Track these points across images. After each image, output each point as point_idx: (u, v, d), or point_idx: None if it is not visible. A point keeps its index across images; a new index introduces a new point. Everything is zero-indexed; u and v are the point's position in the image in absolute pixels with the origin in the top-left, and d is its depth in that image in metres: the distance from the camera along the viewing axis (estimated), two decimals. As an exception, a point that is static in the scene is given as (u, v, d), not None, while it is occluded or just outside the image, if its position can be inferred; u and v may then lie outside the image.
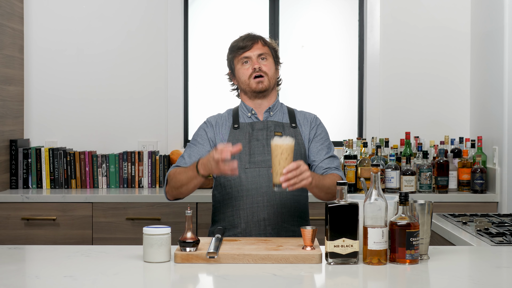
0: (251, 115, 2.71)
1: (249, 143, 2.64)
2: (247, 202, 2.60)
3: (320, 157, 2.67)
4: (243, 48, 2.68)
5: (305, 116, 2.76)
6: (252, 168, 2.61)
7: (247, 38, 2.70)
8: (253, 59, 2.67)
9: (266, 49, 2.70)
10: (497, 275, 2.03)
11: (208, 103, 4.55)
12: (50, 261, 2.16)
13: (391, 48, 4.45)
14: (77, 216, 3.84)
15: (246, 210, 2.60)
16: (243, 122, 2.70)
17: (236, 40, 2.75)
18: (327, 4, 4.61)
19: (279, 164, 2.26)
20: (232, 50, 2.73)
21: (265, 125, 2.68)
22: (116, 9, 4.45)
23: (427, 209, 2.17)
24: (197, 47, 4.60)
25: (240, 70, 2.69)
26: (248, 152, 2.63)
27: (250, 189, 2.60)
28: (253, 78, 2.66)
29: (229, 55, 2.75)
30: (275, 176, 2.28)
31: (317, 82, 4.60)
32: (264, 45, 2.71)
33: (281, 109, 2.75)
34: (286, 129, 2.69)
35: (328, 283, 1.97)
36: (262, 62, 2.68)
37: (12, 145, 4.17)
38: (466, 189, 4.03)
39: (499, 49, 3.88)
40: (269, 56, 2.70)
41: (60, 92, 4.43)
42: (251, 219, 2.59)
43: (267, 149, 2.63)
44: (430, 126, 4.42)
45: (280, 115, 2.73)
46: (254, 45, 2.68)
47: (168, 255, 2.12)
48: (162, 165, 4.24)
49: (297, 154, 2.63)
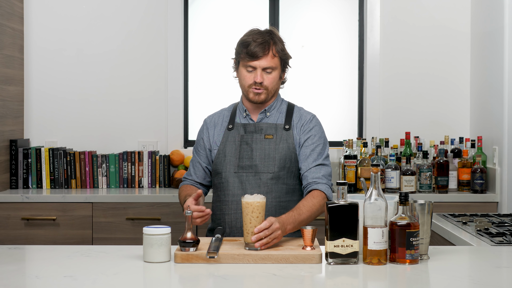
0: (246, 115, 2.68)
1: (239, 146, 2.62)
2: (232, 208, 2.60)
3: (307, 164, 2.59)
4: (251, 56, 2.56)
5: (301, 117, 2.67)
6: (239, 173, 2.60)
7: (260, 46, 2.56)
8: (257, 71, 2.57)
9: (275, 61, 2.58)
10: (497, 275, 2.03)
11: (208, 102, 4.55)
12: (50, 261, 2.16)
13: (391, 48, 4.45)
14: (77, 216, 3.84)
15: (230, 215, 2.60)
16: (238, 122, 2.68)
17: (248, 37, 2.60)
18: (327, 4, 4.61)
19: (250, 223, 2.22)
20: (241, 47, 2.60)
21: (256, 127, 2.64)
22: (116, 9, 4.45)
23: (427, 209, 2.17)
24: (197, 47, 4.60)
25: (242, 74, 2.62)
26: (238, 155, 2.61)
27: (236, 194, 2.59)
28: (252, 88, 2.59)
29: (238, 49, 2.63)
30: (246, 235, 2.22)
31: (317, 82, 4.59)
32: (274, 56, 2.58)
33: (279, 108, 2.69)
34: (278, 131, 2.63)
35: (328, 283, 1.97)
36: (266, 75, 2.58)
37: (12, 145, 4.17)
38: (466, 189, 4.03)
39: (499, 49, 3.88)
40: (276, 68, 2.60)
41: (60, 92, 4.43)
42: (234, 225, 2.59)
43: (254, 154, 2.60)
44: (430, 126, 4.42)
45: (276, 116, 2.67)
46: (263, 57, 2.56)
47: (168, 255, 2.12)
48: (162, 165, 4.24)
49: (286, 159, 2.59)
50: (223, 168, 2.62)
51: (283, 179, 2.60)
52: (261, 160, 2.59)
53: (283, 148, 2.60)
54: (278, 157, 2.59)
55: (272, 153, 2.59)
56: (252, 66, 2.58)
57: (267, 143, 2.61)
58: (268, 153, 2.60)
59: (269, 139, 2.62)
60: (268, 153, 2.60)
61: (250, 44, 2.57)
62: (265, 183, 2.57)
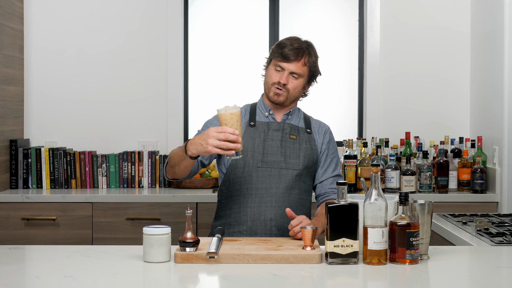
0: (269, 115, 2.73)
1: (263, 142, 2.66)
2: (255, 201, 2.62)
3: (327, 174, 2.73)
4: (284, 57, 2.64)
5: (320, 125, 2.80)
6: (264, 168, 2.63)
7: (294, 51, 2.64)
8: (285, 73, 2.65)
9: (304, 70, 2.67)
10: (497, 275, 2.03)
11: (208, 102, 4.55)
12: (50, 261, 2.16)
13: (391, 48, 4.45)
14: (77, 216, 3.84)
15: (253, 208, 2.62)
16: (260, 121, 2.72)
17: (288, 40, 2.70)
18: (327, 4, 4.61)
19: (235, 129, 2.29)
20: (277, 47, 2.68)
21: (281, 126, 2.70)
22: (116, 9, 4.45)
23: (427, 209, 2.17)
24: (197, 47, 4.60)
25: (270, 72, 2.69)
26: (262, 151, 2.65)
27: (260, 188, 2.62)
28: (274, 87, 2.66)
29: (273, 49, 2.71)
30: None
31: (317, 82, 4.58)
32: (304, 65, 2.66)
33: (298, 114, 2.79)
34: (301, 133, 2.72)
35: (328, 283, 1.97)
36: (291, 79, 2.66)
37: (12, 145, 4.17)
38: (466, 189, 4.03)
39: (499, 49, 3.88)
40: (302, 76, 2.68)
41: (60, 92, 4.43)
42: (257, 218, 2.61)
43: (281, 150, 2.65)
44: (430, 126, 4.42)
45: (297, 120, 2.77)
46: (294, 61, 2.64)
47: (168, 255, 2.12)
48: (162, 165, 4.24)
49: (310, 159, 2.69)
50: (245, 162, 2.64)
51: (304, 177, 2.68)
52: (287, 157, 2.66)
53: (307, 148, 2.69)
54: (303, 156, 2.67)
55: (297, 151, 2.68)
56: (282, 67, 2.65)
57: (291, 142, 2.69)
58: (294, 151, 2.67)
59: (293, 139, 2.69)
60: (293, 151, 2.67)
61: (286, 47, 2.66)
62: (289, 179, 2.64)
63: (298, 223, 2.37)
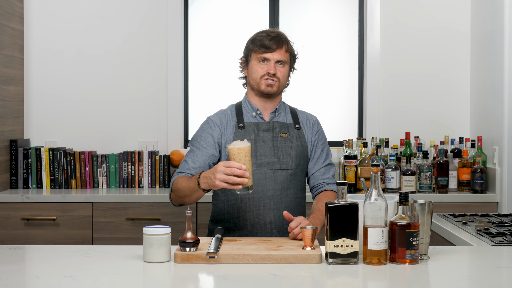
0: (256, 114, 2.70)
1: (255, 144, 2.64)
2: (253, 205, 2.61)
3: (318, 165, 2.72)
4: (266, 48, 2.62)
5: (307, 117, 2.77)
6: (258, 170, 2.61)
7: (274, 40, 2.64)
8: (271, 63, 2.63)
9: (287, 56, 2.67)
10: (497, 275, 2.03)
11: (208, 102, 4.55)
12: (50, 261, 2.16)
13: (391, 48, 4.45)
14: (77, 216, 3.84)
15: (252, 212, 2.61)
16: (248, 121, 2.69)
17: (262, 33, 2.68)
18: (327, 4, 4.61)
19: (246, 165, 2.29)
20: (254, 43, 2.66)
21: (270, 126, 2.68)
22: (116, 9, 4.45)
23: (427, 209, 2.17)
24: (197, 47, 4.60)
25: (254, 67, 2.66)
26: (255, 153, 2.62)
27: (257, 191, 2.60)
28: (264, 79, 2.64)
29: (249, 45, 2.69)
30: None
31: (317, 82, 4.59)
32: (286, 52, 2.66)
33: (284, 109, 2.76)
34: (290, 130, 2.70)
35: (328, 283, 1.97)
36: (278, 67, 2.65)
37: (12, 145, 4.17)
38: (466, 189, 4.03)
39: (499, 49, 3.88)
40: (287, 63, 2.68)
41: (60, 92, 4.43)
42: (257, 222, 2.61)
43: (273, 151, 2.64)
44: (430, 126, 4.42)
45: (284, 116, 2.74)
46: (277, 49, 2.63)
47: (168, 255, 2.12)
48: (162, 165, 4.24)
49: (301, 157, 2.67)
50: None
51: (298, 176, 2.68)
52: (280, 157, 2.64)
53: (298, 146, 2.68)
54: (295, 154, 2.66)
55: (289, 150, 2.66)
56: (266, 57, 2.64)
57: (282, 141, 2.67)
58: (286, 150, 2.66)
59: (284, 137, 2.68)
60: (286, 150, 2.66)
61: (265, 38, 2.64)
62: (285, 180, 2.63)
63: (297, 224, 2.37)
